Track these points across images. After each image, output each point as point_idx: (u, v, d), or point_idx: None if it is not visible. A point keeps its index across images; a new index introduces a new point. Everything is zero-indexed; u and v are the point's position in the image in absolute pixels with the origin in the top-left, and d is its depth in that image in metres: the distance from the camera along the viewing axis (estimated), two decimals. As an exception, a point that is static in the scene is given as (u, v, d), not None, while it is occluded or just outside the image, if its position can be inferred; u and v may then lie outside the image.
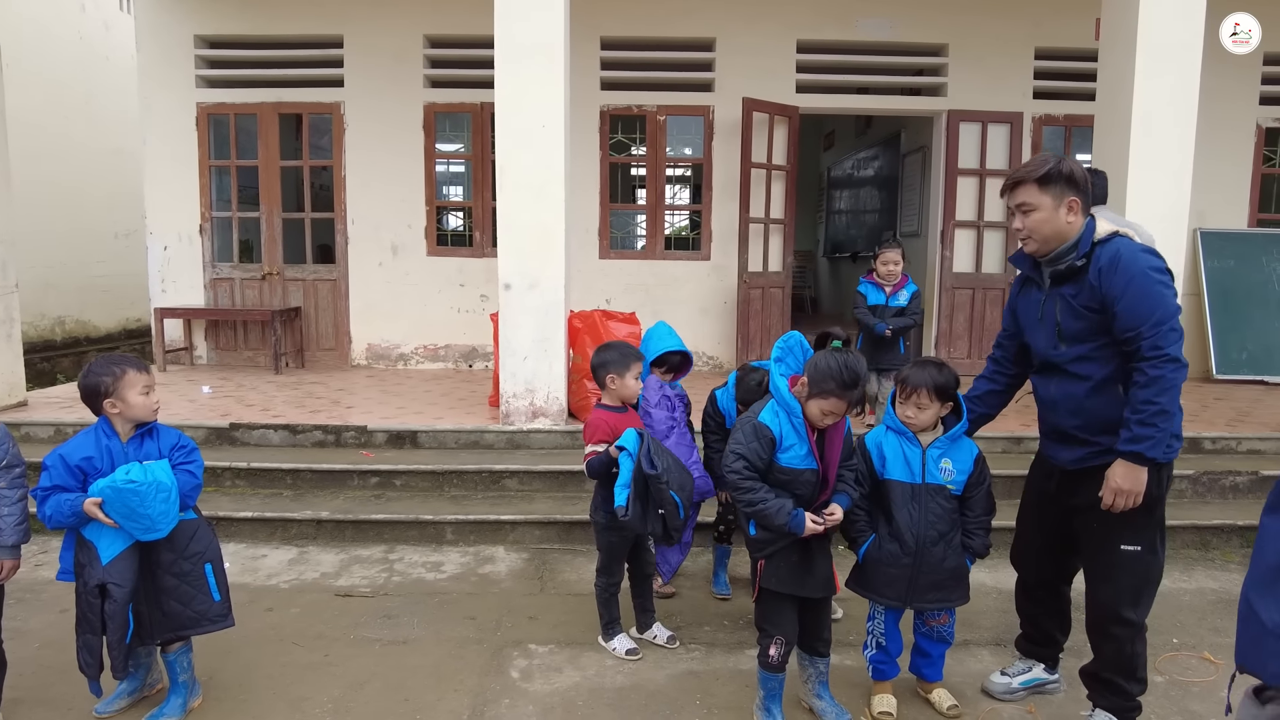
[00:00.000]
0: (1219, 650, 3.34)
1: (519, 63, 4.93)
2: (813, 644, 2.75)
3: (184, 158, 7.55)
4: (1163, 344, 2.30)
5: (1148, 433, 2.32)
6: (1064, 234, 2.48)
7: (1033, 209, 2.48)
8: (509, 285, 5.04)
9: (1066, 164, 2.46)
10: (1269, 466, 4.93)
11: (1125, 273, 2.36)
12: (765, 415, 2.60)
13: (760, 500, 2.55)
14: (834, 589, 2.70)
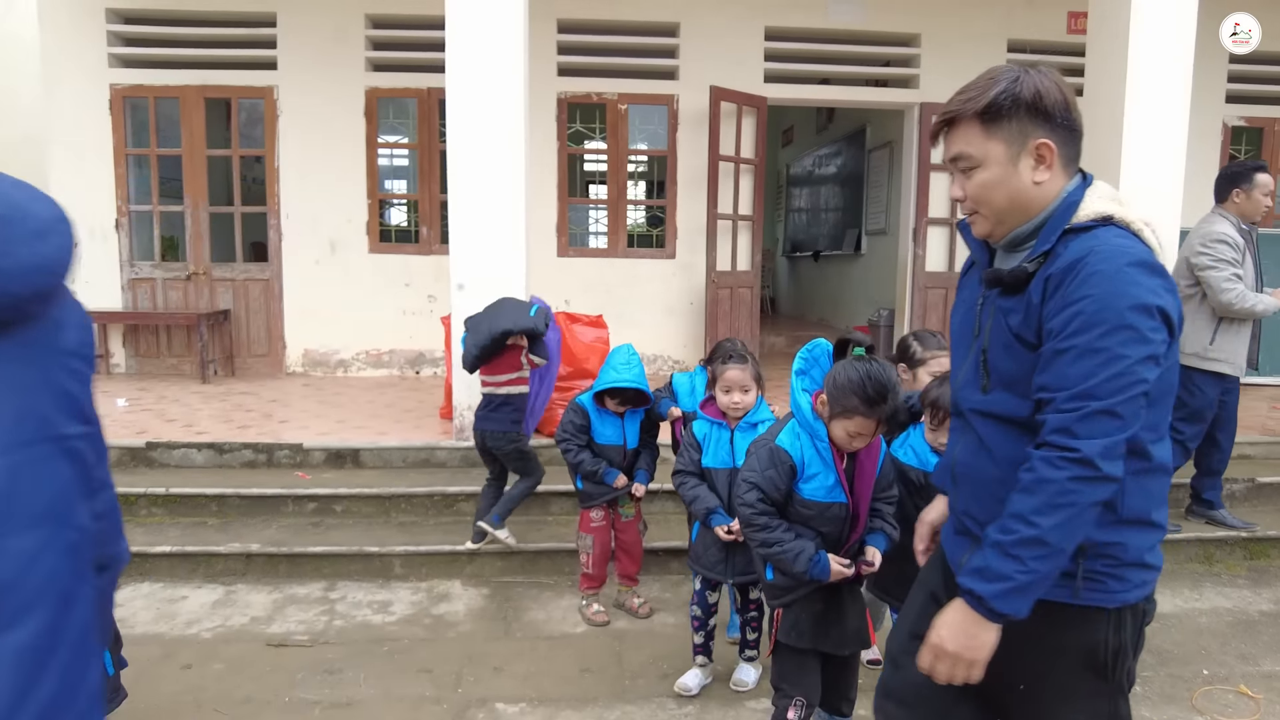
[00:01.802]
0: (1254, 681, 3.08)
1: (473, 40, 4.45)
2: (836, 702, 2.37)
3: (96, 145, 6.84)
4: (1076, 431, 1.28)
5: (1002, 567, 1.32)
6: (1027, 203, 1.43)
7: (974, 164, 1.45)
8: (462, 285, 4.56)
9: (1030, 80, 1.41)
10: (1264, 472, 4.75)
11: (1083, 290, 1.31)
12: (784, 438, 2.21)
13: (776, 541, 2.17)
14: (867, 642, 2.31)
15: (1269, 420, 5.60)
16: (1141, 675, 3.11)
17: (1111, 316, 1.28)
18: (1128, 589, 1.42)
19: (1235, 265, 3.87)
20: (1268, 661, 3.25)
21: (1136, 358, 1.28)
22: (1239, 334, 3.94)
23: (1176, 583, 4.04)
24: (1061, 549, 1.31)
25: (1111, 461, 1.28)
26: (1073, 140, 1.44)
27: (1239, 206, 3.98)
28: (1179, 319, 1.35)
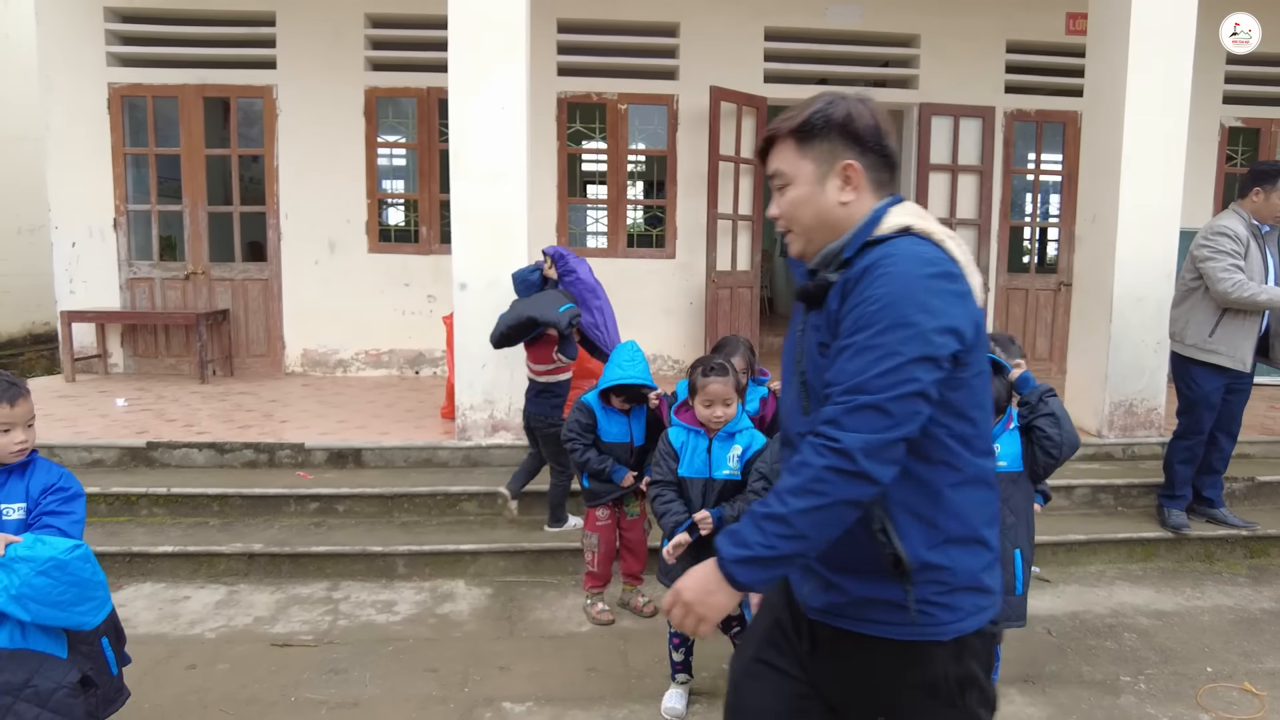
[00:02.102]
0: (1257, 679, 3.09)
1: (476, 38, 4.45)
2: None
3: (94, 144, 6.81)
4: (842, 423, 1.26)
5: (748, 534, 1.30)
6: (834, 222, 1.44)
7: (787, 182, 1.46)
8: (465, 285, 4.56)
9: (842, 105, 1.42)
10: (1264, 472, 4.77)
11: (871, 290, 1.30)
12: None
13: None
14: None
15: (1268, 420, 5.62)
16: (1145, 673, 3.13)
17: (892, 315, 1.27)
18: (960, 618, 1.37)
19: (1235, 257, 3.89)
20: (1271, 659, 3.27)
21: (910, 356, 1.25)
22: (1241, 328, 3.94)
23: (1178, 581, 4.06)
24: (804, 535, 1.26)
25: (873, 460, 1.24)
26: (883, 165, 1.45)
27: (1255, 205, 3.99)
28: (973, 328, 1.32)
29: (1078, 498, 4.59)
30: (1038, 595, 3.86)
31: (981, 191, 7.24)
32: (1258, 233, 4.00)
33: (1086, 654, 3.30)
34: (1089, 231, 5.15)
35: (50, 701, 1.94)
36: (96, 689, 2.07)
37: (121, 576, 3.82)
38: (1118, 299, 4.86)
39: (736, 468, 2.72)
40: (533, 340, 4.00)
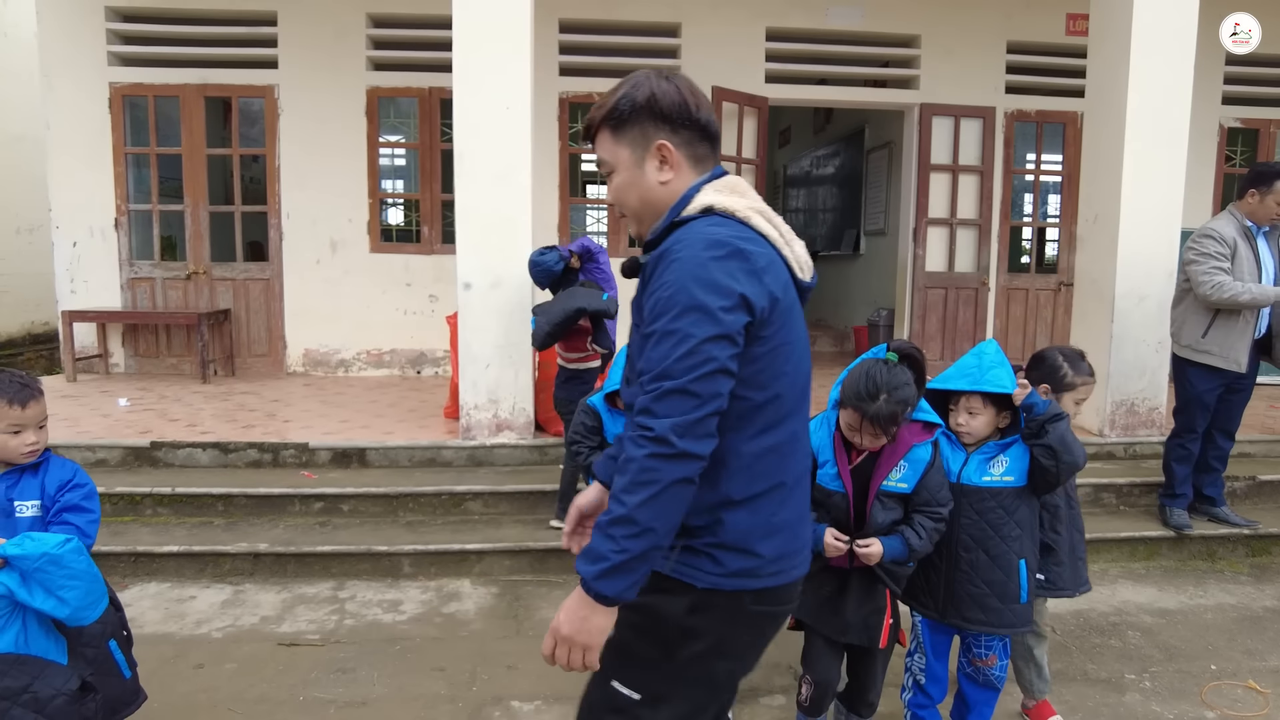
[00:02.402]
0: (1261, 677, 3.10)
1: (480, 38, 4.45)
2: (854, 701, 2.38)
3: (95, 144, 6.80)
4: (654, 410, 1.30)
5: (600, 546, 1.31)
6: (657, 202, 1.49)
7: (611, 169, 1.51)
8: (469, 284, 4.56)
9: (645, 85, 1.46)
10: (1265, 471, 4.79)
11: (664, 276, 1.36)
12: (813, 423, 2.26)
13: None
14: (875, 639, 2.30)
15: (1268, 419, 5.64)
16: (1150, 671, 3.15)
17: (683, 299, 1.31)
18: (722, 573, 1.41)
19: (1219, 259, 3.90)
20: (1275, 657, 3.28)
21: (703, 336, 1.29)
22: (1234, 329, 3.95)
23: (1181, 579, 4.08)
24: (651, 527, 1.29)
25: (689, 439, 1.28)
26: (700, 140, 1.48)
27: (1250, 206, 4.01)
28: (767, 302, 1.36)
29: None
30: (1041, 594, 3.88)
31: (982, 192, 7.26)
32: (1250, 234, 4.01)
33: (1091, 652, 3.31)
34: (1091, 231, 5.16)
35: (48, 708, 1.91)
36: (96, 694, 2.03)
37: (127, 576, 3.82)
38: (1119, 298, 4.88)
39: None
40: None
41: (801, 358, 1.47)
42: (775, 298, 1.38)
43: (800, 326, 1.48)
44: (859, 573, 2.24)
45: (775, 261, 1.41)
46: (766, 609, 1.48)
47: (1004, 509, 2.36)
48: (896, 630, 2.31)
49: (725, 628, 1.45)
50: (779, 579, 1.46)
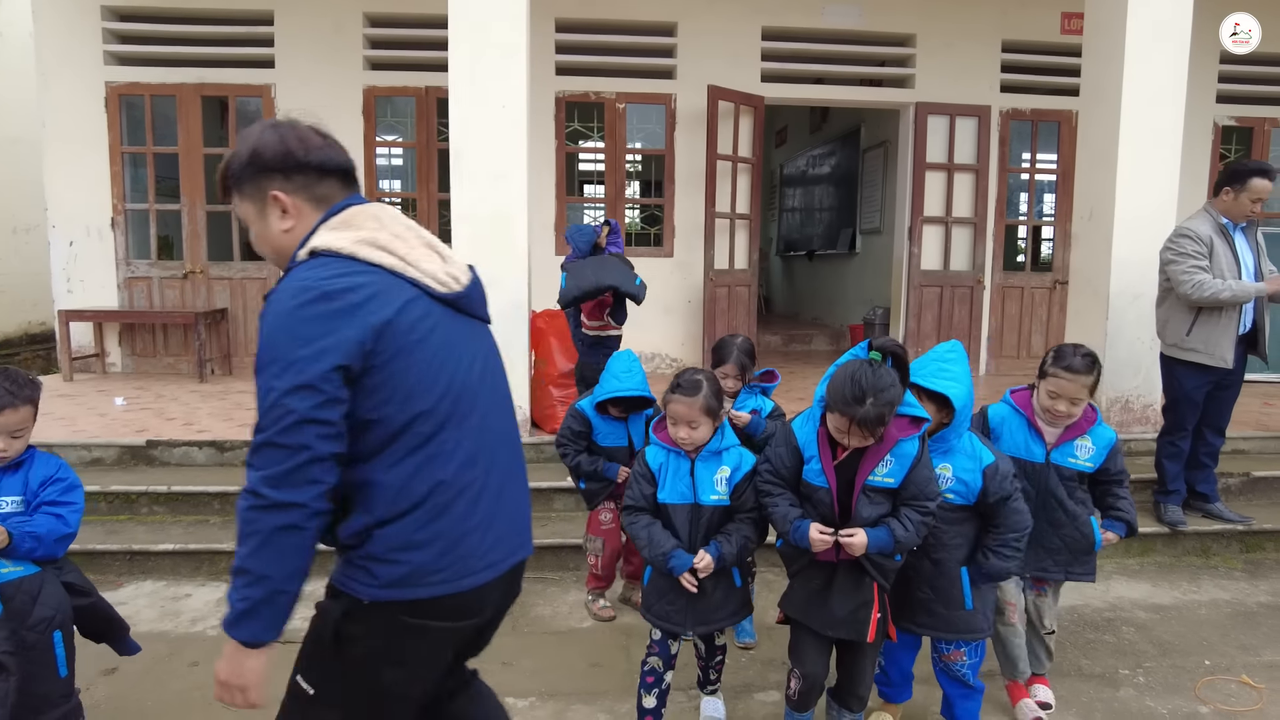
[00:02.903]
0: (1255, 672, 3.12)
1: (476, 37, 4.46)
2: (843, 696, 2.39)
3: (92, 143, 6.80)
4: (251, 463, 1.34)
5: (230, 594, 1.38)
6: (286, 250, 1.52)
7: (247, 225, 1.58)
8: (466, 283, 4.56)
9: (245, 144, 1.51)
10: (1259, 467, 4.81)
11: (261, 328, 1.40)
12: (799, 419, 2.32)
13: (772, 504, 2.32)
14: (863, 634, 2.29)
15: (1263, 415, 5.66)
16: (1144, 666, 3.16)
17: (267, 352, 1.35)
18: (376, 584, 1.44)
19: (1197, 258, 3.92)
20: (1268, 652, 3.29)
21: (283, 389, 1.31)
22: (1218, 325, 3.96)
23: (1175, 576, 4.09)
24: (266, 574, 1.32)
25: (283, 489, 1.30)
26: (319, 180, 1.51)
27: (1225, 204, 4.02)
28: (366, 334, 1.37)
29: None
30: (1036, 590, 3.89)
31: (977, 190, 7.28)
32: (1226, 232, 4.02)
33: (1085, 647, 3.32)
34: (1085, 229, 5.18)
35: None
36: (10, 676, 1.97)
37: (123, 574, 3.83)
38: (1114, 296, 4.89)
39: (725, 491, 2.41)
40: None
41: (454, 366, 1.49)
42: (385, 323, 1.39)
43: (449, 335, 1.50)
44: (845, 566, 2.24)
45: (385, 289, 1.42)
46: (429, 622, 1.49)
47: (945, 521, 2.36)
48: (885, 624, 2.31)
49: (384, 637, 1.48)
50: (441, 589, 1.46)
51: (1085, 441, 2.69)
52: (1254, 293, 3.89)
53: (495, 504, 1.55)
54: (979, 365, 7.44)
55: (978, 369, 7.44)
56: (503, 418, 1.63)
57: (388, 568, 1.43)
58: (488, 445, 1.55)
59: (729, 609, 2.47)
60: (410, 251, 1.49)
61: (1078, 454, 2.69)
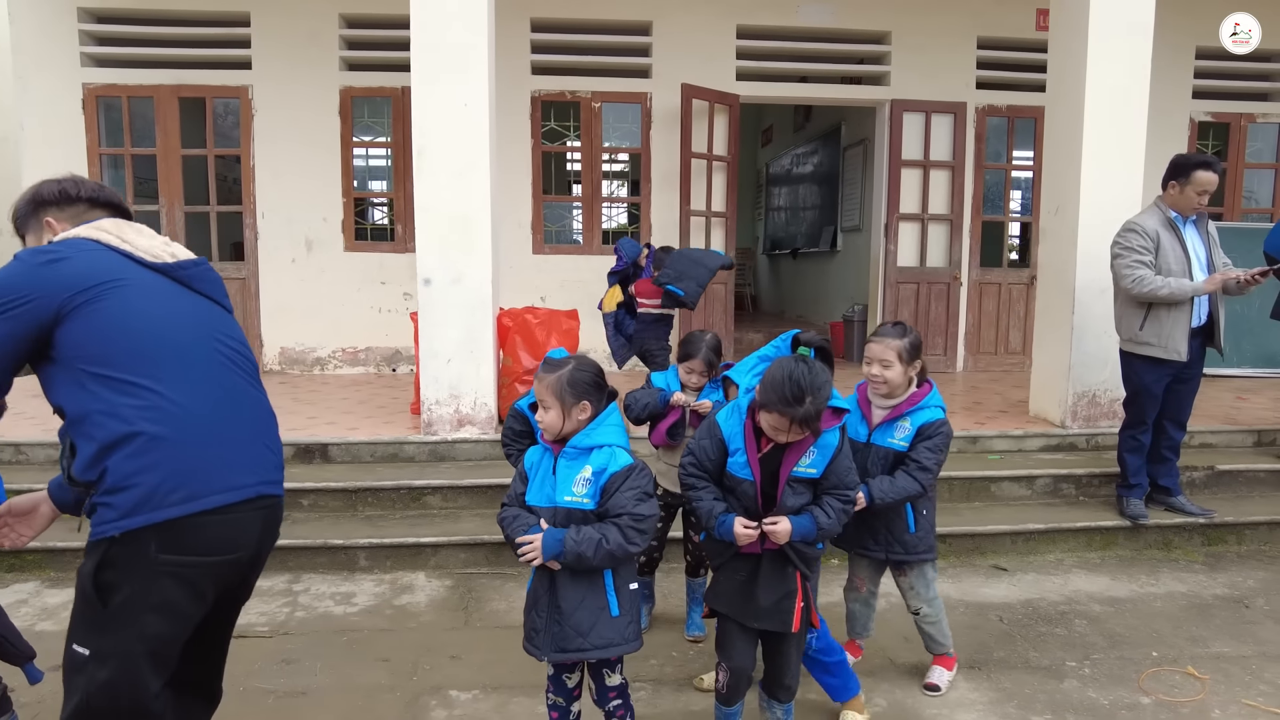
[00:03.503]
0: (1201, 663, 3.12)
1: (438, 37, 4.47)
2: (771, 687, 2.40)
3: (70, 145, 6.81)
4: None
5: None
6: None
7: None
8: (429, 280, 4.59)
9: (34, 187, 1.91)
10: (1225, 461, 4.81)
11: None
12: (723, 412, 2.31)
13: (697, 498, 2.30)
14: (787, 624, 2.29)
15: (1232, 410, 5.67)
16: (1091, 658, 3.17)
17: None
18: (117, 515, 1.61)
19: (1141, 253, 3.94)
20: (1218, 644, 3.30)
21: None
22: (1169, 318, 3.97)
23: (1134, 569, 4.10)
24: None
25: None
26: (91, 209, 1.88)
27: (1172, 198, 4.04)
28: (62, 285, 1.65)
29: (1039, 488, 4.63)
30: (993, 584, 3.91)
31: (953, 187, 7.29)
32: (1174, 225, 4.04)
33: (1035, 640, 3.33)
34: (1052, 224, 5.19)
35: None
36: None
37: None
38: (1080, 290, 4.90)
39: (586, 494, 2.12)
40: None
41: (163, 317, 1.74)
42: (90, 280, 1.66)
43: (163, 297, 1.77)
44: (770, 557, 2.25)
45: (96, 255, 1.72)
46: (183, 558, 1.66)
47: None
48: (809, 614, 2.31)
49: (141, 581, 1.64)
50: (181, 509, 1.63)
51: (905, 423, 2.77)
52: (1190, 291, 3.90)
53: (230, 440, 1.74)
54: (956, 361, 7.45)
55: (955, 364, 7.45)
56: (236, 375, 1.82)
57: (124, 495, 1.60)
58: (213, 393, 1.74)
59: (601, 636, 2.11)
60: (133, 237, 1.79)
61: (895, 435, 2.78)
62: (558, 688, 2.30)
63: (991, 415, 5.45)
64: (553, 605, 2.13)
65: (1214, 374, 6.99)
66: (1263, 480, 4.74)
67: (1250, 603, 3.69)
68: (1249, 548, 4.35)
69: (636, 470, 2.13)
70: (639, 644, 2.19)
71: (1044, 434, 5.03)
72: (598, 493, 2.11)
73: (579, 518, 2.11)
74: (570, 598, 2.10)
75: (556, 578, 2.12)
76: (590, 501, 2.12)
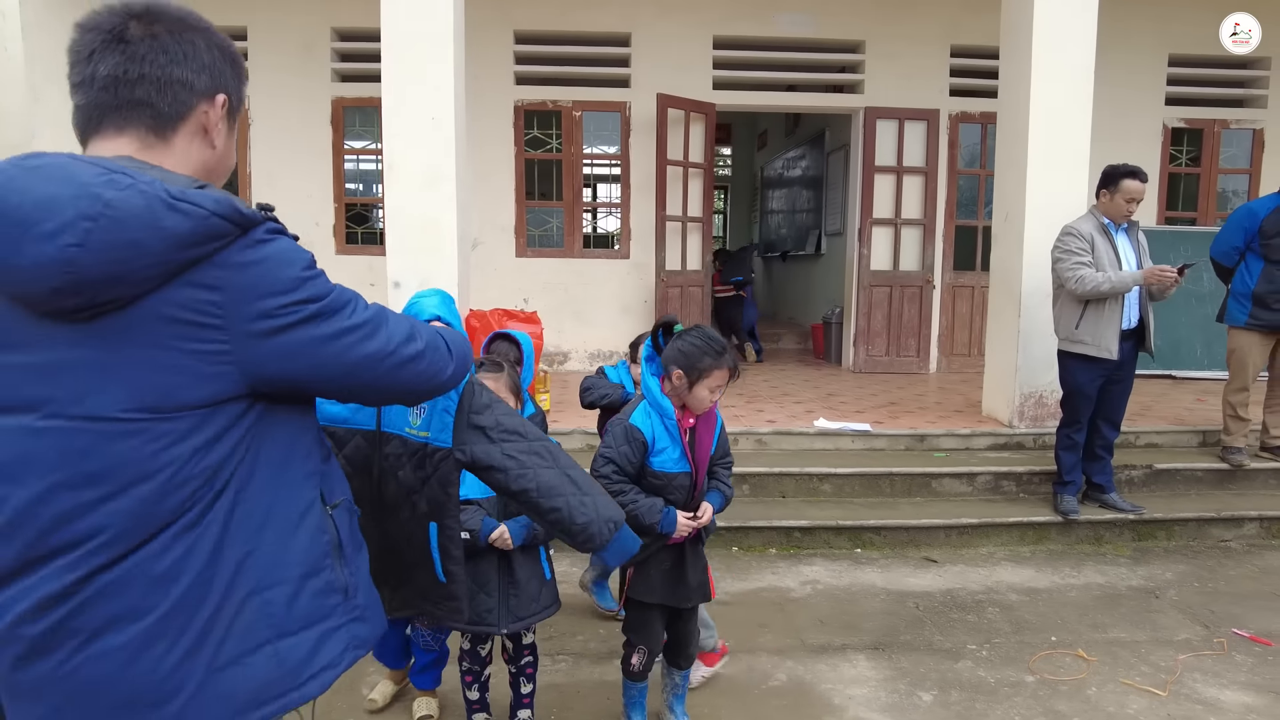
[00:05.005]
0: (1094, 647, 3.31)
1: (405, 53, 4.74)
2: (675, 657, 2.64)
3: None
4: None
5: None
6: None
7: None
8: (398, 283, 4.86)
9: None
10: (1164, 460, 4.96)
11: None
12: (637, 417, 2.43)
13: (631, 501, 2.38)
14: (708, 595, 2.57)
15: (1185, 411, 5.79)
16: (992, 642, 3.37)
17: None
18: None
19: (1081, 254, 4.14)
20: (1117, 629, 3.48)
21: None
22: (1102, 317, 4.15)
23: (1060, 562, 4.28)
24: None
25: None
26: None
27: (1105, 205, 4.24)
28: None
29: (980, 484, 4.81)
30: (920, 574, 4.10)
31: (927, 192, 7.46)
32: (1107, 231, 4.22)
33: (944, 626, 3.52)
34: (1003, 229, 5.37)
35: None
36: None
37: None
38: (1026, 295, 5.07)
39: None
40: None
41: None
42: None
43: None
44: (691, 541, 2.48)
45: None
46: None
47: None
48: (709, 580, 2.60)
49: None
50: None
51: None
52: (1131, 281, 4.08)
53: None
54: (930, 363, 7.61)
55: (928, 366, 7.62)
56: None
57: None
58: None
59: (542, 603, 2.50)
60: None
61: None
62: (474, 658, 2.56)
63: (945, 415, 5.62)
64: (508, 582, 2.43)
65: (1183, 376, 7.13)
66: (1200, 479, 4.89)
67: (1161, 593, 3.86)
68: (1177, 543, 4.51)
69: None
70: (559, 603, 2.59)
71: (992, 433, 5.20)
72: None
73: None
74: (524, 572, 2.44)
75: (512, 558, 2.43)
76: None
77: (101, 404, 0.97)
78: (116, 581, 0.99)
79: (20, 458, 0.98)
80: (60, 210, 0.91)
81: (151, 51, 1.10)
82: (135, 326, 0.96)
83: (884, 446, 5.08)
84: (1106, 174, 4.20)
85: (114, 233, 0.92)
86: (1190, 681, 3.04)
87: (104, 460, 0.98)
